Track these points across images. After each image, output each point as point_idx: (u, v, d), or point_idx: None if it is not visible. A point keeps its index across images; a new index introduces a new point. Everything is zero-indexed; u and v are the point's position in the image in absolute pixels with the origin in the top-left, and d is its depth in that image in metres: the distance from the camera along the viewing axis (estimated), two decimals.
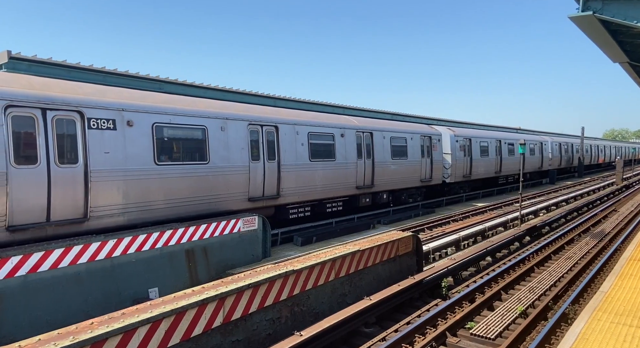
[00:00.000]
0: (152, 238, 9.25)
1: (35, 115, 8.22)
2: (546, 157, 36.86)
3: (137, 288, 8.84)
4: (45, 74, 10.98)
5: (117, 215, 9.35)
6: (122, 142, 9.46)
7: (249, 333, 6.70)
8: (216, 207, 11.49)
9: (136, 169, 9.69)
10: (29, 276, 7.34)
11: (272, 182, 13.17)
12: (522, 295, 9.40)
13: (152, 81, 14.37)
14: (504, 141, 29.27)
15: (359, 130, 16.92)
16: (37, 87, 8.47)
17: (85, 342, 4.67)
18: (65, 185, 8.51)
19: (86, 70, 12.48)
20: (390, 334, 7.64)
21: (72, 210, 8.64)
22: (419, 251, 11.08)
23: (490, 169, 27.78)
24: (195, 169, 10.94)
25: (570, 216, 20.90)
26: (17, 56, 10.90)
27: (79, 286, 7.95)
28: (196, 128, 11.09)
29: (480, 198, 27.50)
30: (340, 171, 15.80)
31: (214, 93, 16.12)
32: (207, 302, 6.06)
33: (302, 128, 14.33)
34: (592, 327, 5.59)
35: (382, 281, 9.65)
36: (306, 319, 7.64)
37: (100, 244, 8.34)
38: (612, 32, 12.35)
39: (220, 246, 10.70)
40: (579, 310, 8.77)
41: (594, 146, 54.16)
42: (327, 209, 15.91)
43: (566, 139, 45.47)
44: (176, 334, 5.66)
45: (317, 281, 8.01)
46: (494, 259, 13.31)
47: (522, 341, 7.56)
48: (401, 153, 19.22)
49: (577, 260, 12.36)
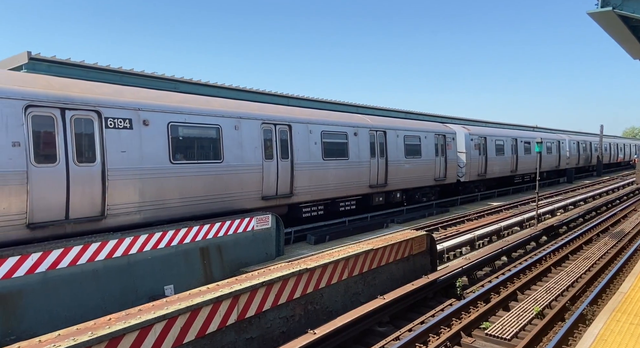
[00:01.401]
0: (168, 236, 9.37)
1: (55, 115, 8.40)
2: (564, 156, 36.21)
3: (153, 285, 8.97)
4: (63, 74, 11.19)
5: (134, 213, 9.50)
6: (139, 141, 9.60)
7: (263, 331, 6.74)
8: (230, 205, 11.58)
9: (152, 168, 9.82)
10: (48, 273, 7.51)
11: (285, 181, 13.22)
12: (538, 296, 9.26)
13: (168, 80, 14.53)
14: (520, 140, 28.84)
15: (372, 129, 16.85)
16: (56, 88, 8.64)
17: (103, 338, 4.75)
18: (83, 184, 8.67)
19: (103, 70, 12.68)
20: (404, 333, 7.61)
21: (89, 208, 8.80)
22: (433, 251, 11.00)
23: (506, 168, 27.40)
24: (209, 168, 11.04)
25: (589, 216, 20.49)
26: (36, 56, 11.13)
27: (96, 283, 8.10)
28: (210, 127, 11.18)
29: (495, 197, 27.16)
30: (354, 170, 15.77)
31: (228, 92, 16.23)
32: (222, 300, 6.11)
33: (315, 127, 14.34)
34: (610, 328, 5.48)
35: (396, 281, 9.60)
36: (320, 317, 7.65)
37: (117, 241, 8.49)
38: (632, 28, 12.07)
39: (234, 244, 10.79)
40: (597, 311, 8.60)
41: (613, 145, 53.02)
42: (340, 208, 15.90)
43: (584, 137, 44.60)
44: (191, 331, 5.73)
45: (330, 280, 8.01)
46: (510, 259, 13.13)
47: (538, 342, 7.45)
48: (415, 151, 19.10)
49: (595, 260, 12.12)
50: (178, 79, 14.85)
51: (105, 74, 12.64)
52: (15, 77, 8.50)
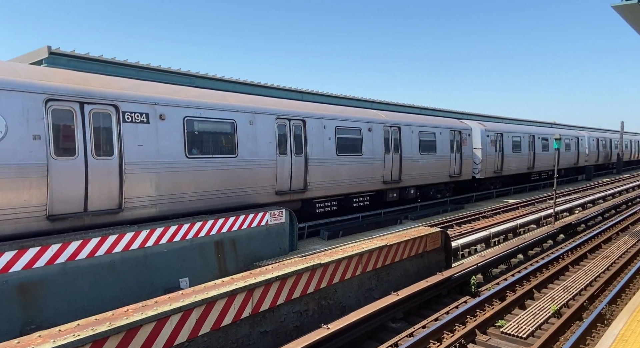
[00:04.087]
0: (183, 229, 9.47)
1: (74, 108, 8.53)
2: (582, 152, 35.49)
3: (169, 278, 9.08)
4: (82, 68, 11.36)
5: (150, 206, 9.62)
6: (155, 135, 9.70)
7: (277, 325, 6.78)
8: (244, 200, 11.64)
9: (168, 161, 9.92)
10: (68, 263, 7.66)
11: (299, 176, 13.22)
12: (555, 294, 9.11)
13: (184, 75, 14.64)
14: (538, 136, 28.34)
15: (387, 124, 16.73)
16: (75, 82, 8.77)
17: (121, 328, 4.83)
18: (101, 177, 8.81)
19: (121, 65, 12.84)
20: (418, 330, 7.57)
21: (107, 201, 8.94)
22: (447, 248, 10.91)
23: (523, 164, 26.98)
24: (224, 162, 11.11)
25: (608, 214, 20.07)
26: (56, 51, 11.32)
27: (114, 274, 8.24)
28: (225, 122, 11.24)
29: (511, 194, 26.78)
30: (367, 165, 15.70)
31: (242, 87, 16.29)
32: (237, 293, 6.15)
33: (330, 122, 14.30)
34: (631, 328, 5.36)
35: (410, 277, 9.55)
36: (333, 313, 7.66)
37: (134, 234, 8.61)
38: None
39: (248, 238, 10.85)
40: (617, 310, 8.43)
41: (634, 142, 51.76)
42: (353, 204, 15.85)
43: (604, 134, 43.64)
44: (206, 323, 5.78)
45: (344, 276, 8.01)
46: (526, 257, 12.95)
47: (555, 341, 7.34)
48: (430, 147, 18.92)
49: (614, 259, 11.87)
50: (194, 74, 14.95)
51: (123, 69, 12.79)
52: (36, 71, 8.64)
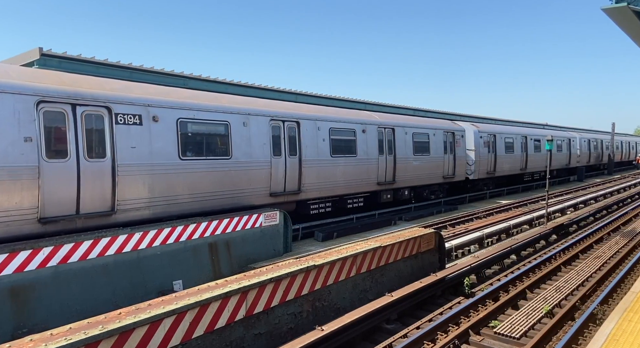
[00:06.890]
0: (177, 231, 9.43)
1: (66, 110, 8.46)
2: (574, 154, 35.82)
3: (162, 280, 9.03)
4: (74, 70, 11.28)
5: (143, 209, 9.56)
6: (148, 137, 9.65)
7: (271, 327, 6.76)
8: (238, 202, 11.62)
9: (161, 163, 9.88)
10: (59, 267, 7.59)
11: (293, 177, 13.22)
12: (548, 294, 9.18)
13: (177, 76, 14.59)
14: (530, 137, 28.57)
15: (381, 126, 16.78)
16: (67, 83, 8.71)
17: (113, 332, 4.80)
18: (93, 179, 8.75)
19: (113, 66, 12.76)
20: (412, 331, 7.58)
21: (100, 203, 8.88)
22: (441, 249, 10.95)
23: (516, 165, 27.18)
24: (218, 164, 11.08)
25: (599, 215, 20.25)
26: (48, 52, 11.23)
27: (107, 277, 8.18)
28: (219, 124, 11.21)
29: (504, 195, 26.95)
30: (362, 167, 15.73)
31: (236, 89, 16.26)
32: (230, 295, 6.13)
33: (324, 124, 14.31)
34: (622, 328, 5.41)
35: (404, 278, 9.57)
36: (327, 314, 7.66)
37: (127, 237, 8.55)
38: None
39: (242, 240, 10.82)
40: (608, 310, 8.50)
41: (625, 143, 52.33)
42: (348, 205, 15.88)
43: (596, 135, 44.10)
44: (200, 326, 5.76)
45: (338, 277, 8.01)
46: (519, 257, 13.03)
47: (548, 341, 7.38)
48: (423, 149, 18.99)
49: (606, 260, 11.98)
50: (187, 75, 14.90)
51: (115, 70, 12.72)
52: (27, 73, 8.57)
